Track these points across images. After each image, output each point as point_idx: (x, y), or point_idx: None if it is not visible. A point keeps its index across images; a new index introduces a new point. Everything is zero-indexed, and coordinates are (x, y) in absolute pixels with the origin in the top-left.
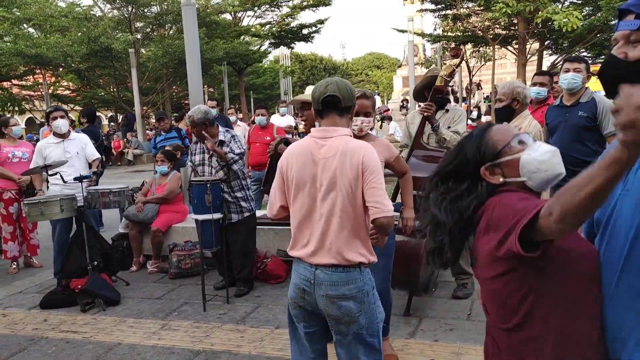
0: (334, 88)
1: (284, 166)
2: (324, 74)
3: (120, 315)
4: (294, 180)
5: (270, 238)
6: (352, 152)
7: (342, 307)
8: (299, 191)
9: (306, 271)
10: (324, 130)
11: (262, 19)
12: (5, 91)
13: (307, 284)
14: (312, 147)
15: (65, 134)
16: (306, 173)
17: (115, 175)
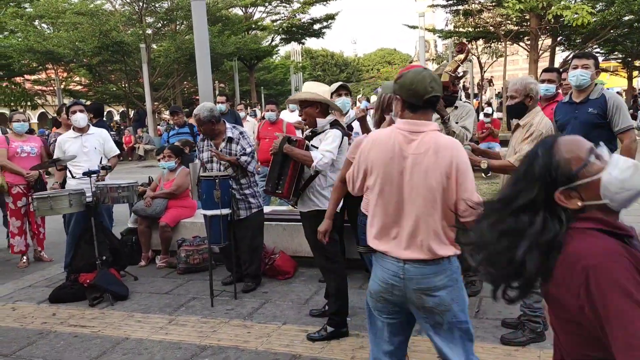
0: (437, 88)
1: (366, 155)
2: (335, 69)
3: (128, 310)
4: (380, 173)
5: (279, 234)
6: (444, 149)
7: (435, 297)
8: (385, 185)
9: (394, 266)
10: (414, 124)
11: (273, 14)
12: (17, 86)
13: (397, 278)
14: (400, 140)
15: (84, 128)
16: (394, 167)
17: (126, 170)
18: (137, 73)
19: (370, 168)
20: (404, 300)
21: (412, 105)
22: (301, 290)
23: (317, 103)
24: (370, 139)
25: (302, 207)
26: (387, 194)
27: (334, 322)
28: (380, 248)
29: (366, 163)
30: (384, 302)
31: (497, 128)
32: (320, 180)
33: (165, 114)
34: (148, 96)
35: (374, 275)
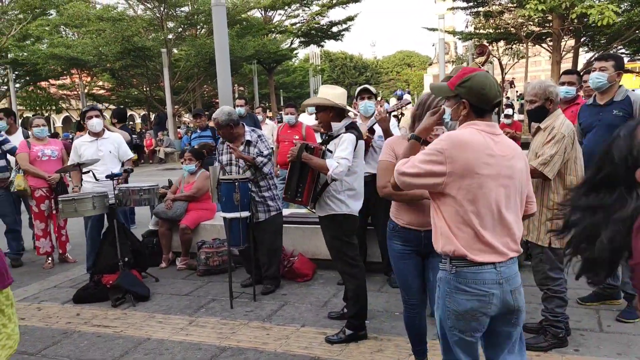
0: (501, 93)
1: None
2: (354, 72)
3: (150, 311)
4: (476, 176)
5: (298, 236)
6: (520, 150)
7: (522, 294)
8: (480, 189)
9: (491, 274)
10: (493, 126)
11: (292, 17)
12: (43, 91)
13: (496, 286)
14: (490, 142)
15: (100, 133)
16: (490, 170)
17: (146, 173)
18: (158, 77)
19: (463, 170)
20: (499, 307)
21: (480, 109)
22: (320, 292)
23: (330, 107)
24: (459, 139)
25: (319, 211)
26: (484, 198)
27: (353, 325)
28: (477, 259)
29: (454, 165)
30: (480, 318)
31: (519, 130)
32: (336, 185)
33: (185, 117)
34: (169, 100)
35: (463, 293)
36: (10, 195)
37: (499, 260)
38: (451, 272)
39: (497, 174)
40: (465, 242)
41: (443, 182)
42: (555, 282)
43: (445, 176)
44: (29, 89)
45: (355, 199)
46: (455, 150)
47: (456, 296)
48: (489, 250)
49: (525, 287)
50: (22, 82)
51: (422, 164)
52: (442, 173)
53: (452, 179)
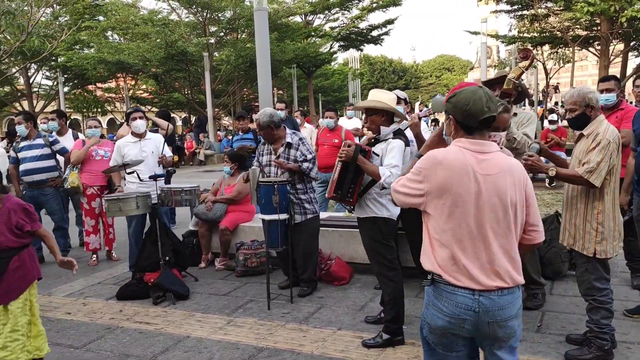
0: (494, 108)
1: (428, 175)
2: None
3: (189, 310)
4: (451, 195)
5: (335, 240)
6: (515, 170)
7: (507, 327)
8: (457, 207)
9: (467, 299)
10: (480, 144)
11: (332, 21)
12: (90, 94)
13: (470, 312)
14: (471, 161)
15: (143, 134)
16: (469, 189)
17: (187, 175)
18: (199, 80)
19: (438, 190)
20: (473, 334)
21: (467, 126)
22: (357, 296)
23: (383, 111)
24: (434, 157)
25: (359, 212)
26: (459, 218)
27: (390, 329)
28: (451, 279)
29: (430, 184)
30: (451, 337)
31: (564, 137)
32: (376, 188)
33: (225, 120)
34: (209, 103)
35: (436, 310)
36: (59, 194)
37: (478, 288)
38: (431, 284)
39: (476, 194)
40: (442, 262)
41: (423, 201)
42: (601, 293)
43: (424, 195)
44: (76, 92)
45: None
46: (431, 169)
47: (431, 310)
48: (466, 275)
49: (569, 297)
50: (71, 86)
51: (408, 182)
52: (421, 192)
53: (430, 197)
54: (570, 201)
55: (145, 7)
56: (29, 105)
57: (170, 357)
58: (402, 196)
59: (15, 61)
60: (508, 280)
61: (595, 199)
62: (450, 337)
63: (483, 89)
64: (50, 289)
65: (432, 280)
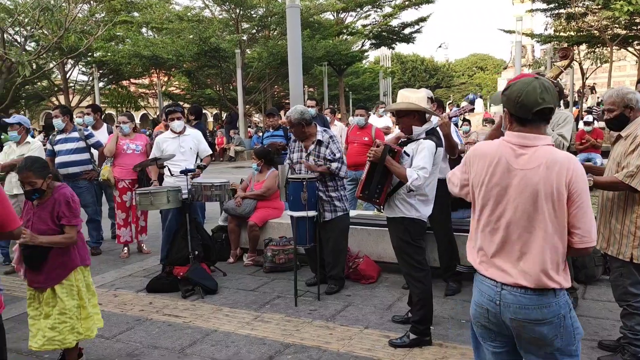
0: (549, 99)
1: (469, 167)
2: (425, 75)
3: (217, 304)
4: (483, 189)
5: (364, 238)
6: (560, 165)
7: (534, 331)
8: (487, 201)
9: (490, 290)
10: (524, 137)
11: (364, 19)
12: (124, 89)
13: (492, 304)
14: (507, 154)
15: (182, 131)
16: (499, 183)
17: (217, 171)
18: (231, 77)
19: (473, 182)
20: (502, 328)
21: (520, 118)
22: (384, 295)
23: (414, 112)
24: (474, 150)
25: (388, 212)
26: (490, 212)
27: (417, 330)
28: (480, 268)
29: (469, 176)
30: (482, 329)
31: (600, 138)
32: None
33: (255, 117)
34: (240, 99)
35: (473, 298)
36: (92, 187)
37: (501, 280)
38: (467, 271)
39: (507, 188)
40: (476, 251)
41: (468, 191)
42: (636, 298)
43: (468, 186)
44: (111, 87)
45: (425, 204)
46: (472, 160)
47: (472, 298)
48: (493, 266)
49: (602, 302)
50: (106, 81)
51: (457, 172)
52: (465, 182)
53: (471, 188)
54: (605, 204)
55: (180, 2)
56: (65, 100)
57: (198, 350)
58: (452, 185)
59: (52, 56)
60: (531, 282)
61: (635, 202)
62: (481, 327)
63: (539, 80)
64: None
65: (472, 268)
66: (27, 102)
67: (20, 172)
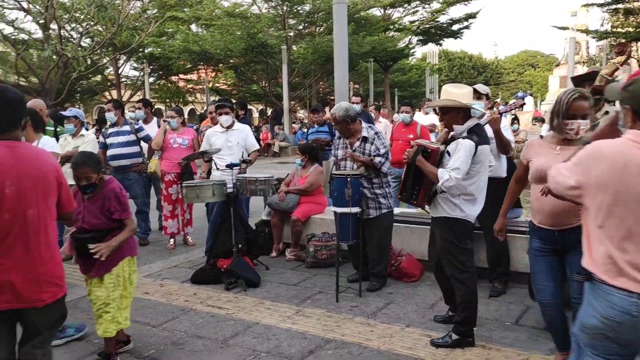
0: None
1: (587, 170)
2: (473, 72)
3: (259, 297)
4: (611, 193)
5: (407, 236)
6: None
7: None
8: (617, 206)
9: (625, 301)
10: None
11: (412, 15)
12: (173, 85)
13: (628, 316)
14: (637, 154)
15: (230, 125)
16: (630, 187)
17: (262, 166)
18: (276, 73)
19: (597, 185)
20: (631, 339)
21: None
22: (426, 294)
23: (456, 108)
24: (599, 149)
25: (433, 211)
26: (620, 217)
27: (459, 330)
28: (606, 278)
29: (588, 179)
30: (605, 341)
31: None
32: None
33: (300, 113)
34: (286, 95)
35: (591, 309)
36: (142, 179)
37: (631, 289)
38: (587, 280)
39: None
40: (598, 259)
41: (579, 193)
42: None
43: (580, 188)
44: (161, 83)
45: (472, 204)
46: (593, 161)
47: (587, 307)
48: (626, 275)
49: None
50: (156, 76)
51: (566, 171)
52: (578, 183)
53: (587, 191)
54: None
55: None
56: (117, 94)
57: (240, 341)
58: (556, 184)
59: (106, 52)
60: None
61: None
62: (601, 339)
63: None
64: None
65: (589, 277)
66: (81, 96)
67: (77, 167)
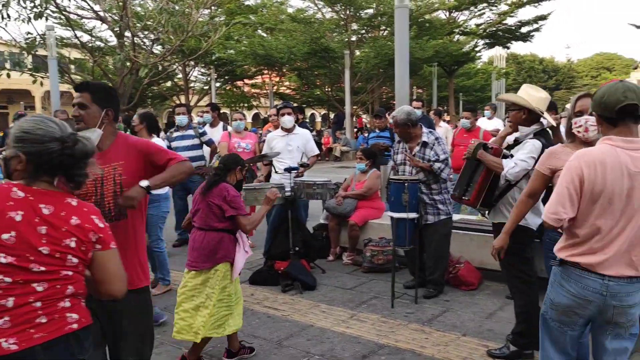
0: (632, 96)
1: (587, 175)
2: (542, 75)
3: (315, 300)
4: (603, 193)
5: (466, 243)
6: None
7: (629, 314)
8: (608, 204)
9: (595, 283)
10: (630, 141)
11: (478, 18)
12: (238, 89)
13: (597, 295)
14: (622, 158)
15: (291, 129)
16: (619, 186)
17: (322, 170)
18: (339, 78)
19: (596, 192)
20: (595, 315)
21: (607, 118)
22: (485, 303)
23: (525, 109)
24: (590, 158)
25: (493, 217)
26: (608, 213)
27: (518, 342)
28: (582, 261)
29: (589, 185)
30: (573, 316)
31: None
32: (515, 193)
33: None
34: (348, 100)
35: (562, 289)
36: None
37: (610, 274)
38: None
39: (629, 191)
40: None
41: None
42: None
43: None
44: (227, 88)
45: (534, 213)
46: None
47: (557, 288)
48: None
49: None
50: (222, 81)
51: (561, 191)
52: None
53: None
54: None
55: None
56: (185, 99)
57: (294, 343)
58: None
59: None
60: (637, 270)
61: None
62: (571, 315)
63: (623, 82)
64: None
65: (561, 261)
66: (152, 101)
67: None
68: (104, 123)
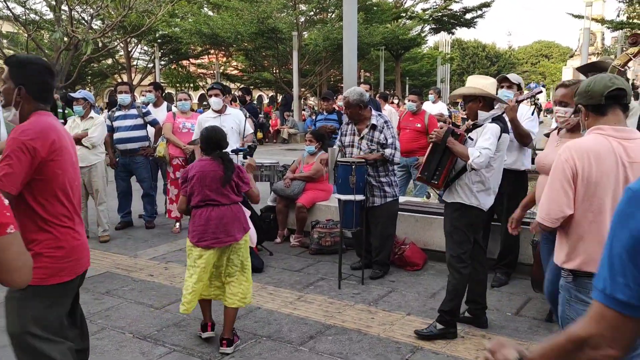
0: (619, 82)
1: (581, 167)
2: (486, 62)
3: (262, 282)
4: (598, 184)
5: (411, 225)
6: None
7: None
8: (606, 199)
9: None
10: (622, 130)
11: (424, 3)
12: (183, 69)
13: None
14: (616, 148)
15: (222, 110)
16: (614, 176)
17: (269, 152)
18: (287, 60)
19: (593, 185)
20: None
21: (595, 107)
22: (429, 283)
23: (480, 97)
24: (583, 149)
25: (447, 196)
26: (607, 207)
27: (444, 320)
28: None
29: (581, 173)
30: None
31: None
32: (471, 175)
33: (310, 100)
34: (296, 82)
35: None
36: (149, 163)
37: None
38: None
39: (624, 181)
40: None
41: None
42: None
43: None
44: (171, 67)
45: (487, 194)
46: (582, 161)
47: (576, 305)
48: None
49: None
50: (166, 60)
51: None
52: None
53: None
54: None
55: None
56: (127, 78)
57: (241, 325)
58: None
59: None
60: None
61: None
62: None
63: (605, 74)
64: (137, 251)
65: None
66: (92, 79)
67: None
68: (18, 101)
